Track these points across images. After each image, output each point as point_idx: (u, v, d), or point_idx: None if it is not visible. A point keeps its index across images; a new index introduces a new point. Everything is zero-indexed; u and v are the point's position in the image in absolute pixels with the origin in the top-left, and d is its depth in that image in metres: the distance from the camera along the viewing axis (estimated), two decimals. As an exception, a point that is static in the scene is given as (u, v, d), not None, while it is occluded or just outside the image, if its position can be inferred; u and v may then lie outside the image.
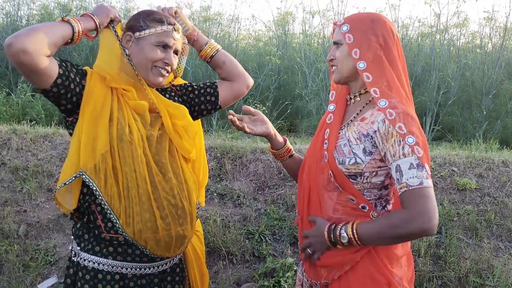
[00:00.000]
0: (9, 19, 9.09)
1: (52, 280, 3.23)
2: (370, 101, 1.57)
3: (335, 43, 1.61)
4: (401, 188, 1.36)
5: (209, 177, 4.02)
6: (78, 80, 1.51)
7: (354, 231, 1.44)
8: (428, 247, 3.37)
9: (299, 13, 14.35)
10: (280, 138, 1.85)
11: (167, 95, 1.76)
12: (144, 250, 1.55)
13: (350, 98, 1.64)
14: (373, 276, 1.50)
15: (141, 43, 1.59)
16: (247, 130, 1.74)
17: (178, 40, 1.64)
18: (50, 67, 1.41)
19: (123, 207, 1.50)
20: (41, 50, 1.35)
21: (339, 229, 1.48)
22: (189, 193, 1.61)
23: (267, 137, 1.81)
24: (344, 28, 1.56)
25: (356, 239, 1.44)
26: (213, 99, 1.83)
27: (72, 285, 1.58)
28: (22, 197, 3.75)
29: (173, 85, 1.83)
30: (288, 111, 7.16)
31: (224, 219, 3.61)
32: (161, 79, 1.63)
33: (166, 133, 1.62)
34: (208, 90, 1.84)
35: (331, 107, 1.70)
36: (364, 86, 1.58)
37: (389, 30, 1.55)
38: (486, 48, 8.57)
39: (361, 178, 1.51)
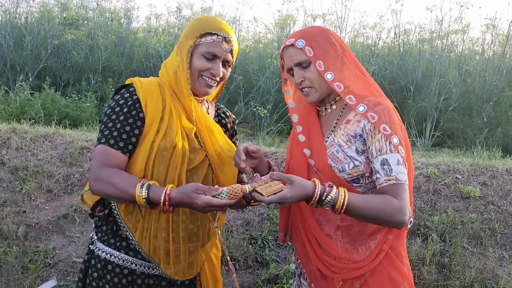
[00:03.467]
0: (8, 16, 9.01)
1: (52, 283, 3.18)
2: (346, 104, 1.57)
3: (298, 64, 1.54)
4: (389, 180, 1.42)
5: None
6: (137, 125, 1.51)
7: (345, 200, 1.36)
8: (433, 255, 3.34)
9: (300, 16, 14.34)
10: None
11: (223, 121, 1.80)
12: (157, 267, 1.57)
13: (326, 109, 1.64)
14: (392, 276, 1.52)
15: (194, 52, 1.56)
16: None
17: (228, 50, 1.58)
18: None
19: (140, 226, 1.52)
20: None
21: (330, 193, 1.37)
22: (208, 225, 1.63)
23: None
24: (300, 43, 1.53)
25: (343, 209, 1.37)
26: None
27: (86, 271, 1.64)
28: (21, 198, 3.69)
29: (234, 119, 1.87)
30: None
31: (227, 223, 3.57)
32: (207, 89, 1.60)
33: (207, 161, 1.60)
34: None
35: (298, 129, 1.67)
36: (337, 94, 1.58)
37: (340, 38, 1.60)
38: (486, 55, 8.59)
39: (363, 180, 1.52)
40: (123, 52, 8.72)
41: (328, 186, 1.39)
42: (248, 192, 1.37)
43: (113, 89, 7.38)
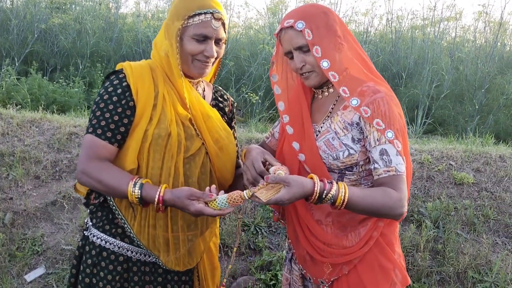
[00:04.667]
0: (-7, -1, 8.80)
1: (40, 271, 3.11)
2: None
3: (299, 48, 1.46)
4: (389, 171, 1.38)
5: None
6: (127, 115, 1.44)
7: (345, 197, 1.33)
8: (427, 242, 3.33)
9: (292, 2, 14.20)
10: None
11: (220, 105, 1.71)
12: (157, 260, 1.54)
13: (322, 91, 1.58)
14: (382, 264, 1.50)
15: (184, 35, 1.47)
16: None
17: (218, 28, 1.48)
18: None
19: (138, 216, 1.48)
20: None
21: (331, 190, 1.33)
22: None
23: None
24: (300, 25, 1.44)
25: (344, 205, 1.34)
26: None
27: (79, 257, 1.59)
28: (8, 184, 3.59)
29: (233, 102, 1.80)
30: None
31: (219, 210, 3.52)
32: (203, 71, 1.53)
33: (204, 148, 1.55)
34: None
35: (285, 119, 1.59)
36: None
37: (341, 20, 1.53)
38: (478, 42, 8.58)
39: (357, 168, 1.48)
40: (111, 37, 8.56)
41: (328, 182, 1.34)
42: (247, 198, 1.33)
43: (101, 75, 7.24)
